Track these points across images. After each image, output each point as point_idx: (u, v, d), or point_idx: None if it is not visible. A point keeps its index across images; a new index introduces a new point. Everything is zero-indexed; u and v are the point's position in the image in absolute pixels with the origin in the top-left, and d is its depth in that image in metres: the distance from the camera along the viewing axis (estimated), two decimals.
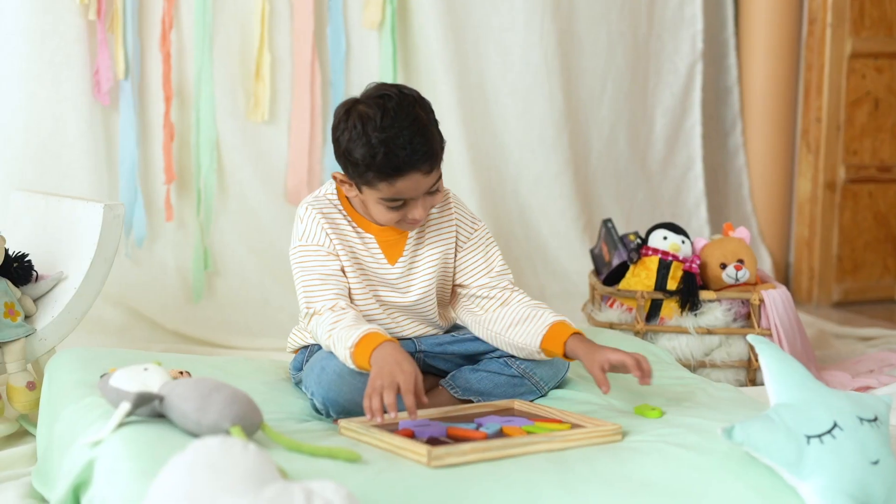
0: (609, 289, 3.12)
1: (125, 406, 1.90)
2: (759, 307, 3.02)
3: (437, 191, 2.22)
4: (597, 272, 3.31)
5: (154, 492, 1.51)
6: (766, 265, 4.47)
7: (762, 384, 2.94)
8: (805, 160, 4.51)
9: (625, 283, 3.11)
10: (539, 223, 4.21)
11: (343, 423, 2.07)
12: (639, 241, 3.13)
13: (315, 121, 3.83)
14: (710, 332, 3.02)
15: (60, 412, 2.14)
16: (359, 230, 2.29)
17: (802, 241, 4.54)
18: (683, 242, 3.10)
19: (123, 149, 3.59)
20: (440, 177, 2.21)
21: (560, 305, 4.04)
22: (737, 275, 3.06)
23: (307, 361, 2.32)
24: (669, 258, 3.06)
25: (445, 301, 2.42)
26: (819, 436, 1.79)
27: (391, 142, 2.11)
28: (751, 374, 3.04)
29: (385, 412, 1.99)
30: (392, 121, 2.12)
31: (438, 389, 2.34)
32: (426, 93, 2.34)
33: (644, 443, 2.00)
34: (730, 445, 1.87)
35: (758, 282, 3.13)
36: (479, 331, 2.34)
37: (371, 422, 2.01)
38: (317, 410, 2.22)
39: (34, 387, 2.53)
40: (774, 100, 4.49)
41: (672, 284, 3.04)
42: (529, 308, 2.29)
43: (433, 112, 2.22)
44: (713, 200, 4.54)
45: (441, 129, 2.21)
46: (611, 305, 3.14)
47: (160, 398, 1.91)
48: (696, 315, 3.02)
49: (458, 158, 4.00)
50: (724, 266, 3.07)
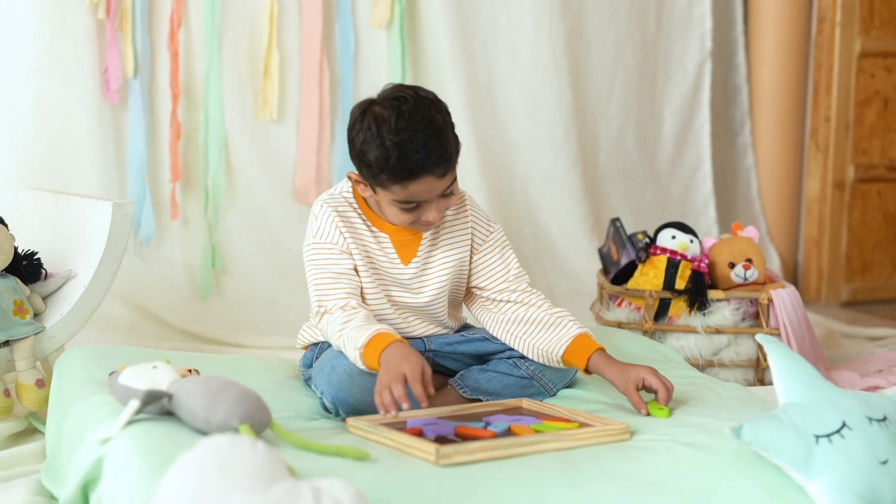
0: (617, 288, 3.12)
1: (134, 404, 1.90)
2: (768, 307, 3.01)
3: (452, 193, 2.21)
4: (605, 271, 3.30)
5: (163, 490, 1.51)
6: (775, 265, 4.46)
7: (771, 384, 2.93)
8: (814, 159, 4.50)
9: (633, 283, 3.10)
10: (547, 222, 4.21)
11: (351, 422, 2.07)
12: (647, 241, 3.13)
13: (323, 120, 3.83)
14: (719, 332, 3.01)
15: (69, 410, 2.15)
16: (373, 229, 2.28)
17: (811, 241, 4.53)
18: (692, 242, 3.10)
19: (132, 147, 3.59)
20: (455, 179, 2.20)
21: (568, 304, 4.02)
22: (745, 274, 3.06)
23: (317, 358, 2.32)
24: (678, 257, 3.06)
25: (457, 302, 2.41)
26: (828, 435, 1.79)
27: (405, 145, 2.10)
28: (759, 374, 3.04)
29: (399, 406, 1.98)
30: (407, 123, 2.11)
31: (447, 389, 2.34)
32: (435, 92, 2.33)
33: (652, 442, 2.00)
34: (738, 445, 1.87)
35: (766, 281, 3.13)
36: (498, 330, 2.34)
37: (385, 418, 2.00)
38: (326, 409, 2.22)
39: (43, 384, 2.54)
40: (783, 99, 4.48)
41: (680, 284, 3.03)
42: (551, 315, 2.29)
43: (449, 115, 2.21)
44: (722, 200, 4.53)
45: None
46: (619, 304, 3.14)
47: (169, 396, 1.92)
48: (705, 314, 3.02)
49: (467, 157, 3.99)
50: (733, 265, 3.07)
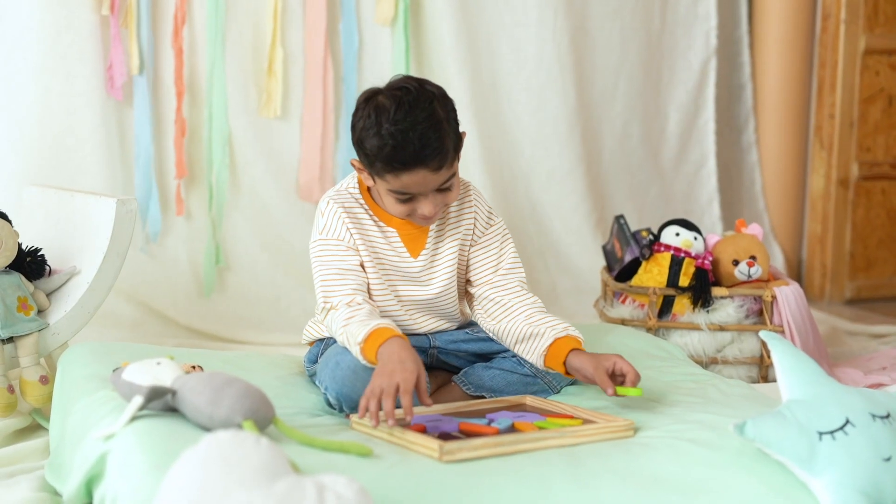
0: (621, 285, 3.12)
1: (138, 400, 1.91)
2: (772, 304, 3.01)
3: (450, 189, 2.20)
4: (609, 268, 3.30)
5: (167, 485, 1.51)
6: (779, 262, 4.45)
7: (774, 381, 2.94)
8: (818, 157, 4.49)
9: (637, 280, 3.10)
10: (551, 219, 4.21)
11: (355, 418, 2.07)
12: (651, 238, 3.13)
13: (327, 117, 3.83)
14: (723, 329, 3.01)
15: (73, 406, 2.15)
16: (381, 224, 2.28)
17: (815, 238, 4.52)
18: (696, 239, 3.10)
19: (139, 144, 3.59)
20: (453, 175, 2.19)
21: (572, 302, 4.05)
22: (749, 271, 3.06)
23: (322, 354, 2.32)
24: (682, 255, 3.05)
25: (462, 294, 2.41)
26: (831, 432, 1.79)
27: (401, 135, 2.10)
28: (763, 371, 3.04)
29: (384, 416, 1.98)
30: (405, 114, 2.11)
31: (450, 385, 2.34)
32: None
33: (656, 438, 2.00)
34: (742, 441, 1.87)
35: (770, 278, 3.13)
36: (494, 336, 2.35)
37: (366, 422, 2.01)
38: (330, 405, 2.22)
39: (47, 381, 2.54)
40: (788, 96, 4.48)
41: (684, 281, 3.03)
42: (529, 325, 2.26)
43: (454, 111, 2.20)
44: (726, 197, 4.53)
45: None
46: (623, 302, 3.14)
47: (173, 392, 1.92)
48: (709, 311, 3.01)
49: (471, 154, 3.99)
50: (737, 262, 3.07)
